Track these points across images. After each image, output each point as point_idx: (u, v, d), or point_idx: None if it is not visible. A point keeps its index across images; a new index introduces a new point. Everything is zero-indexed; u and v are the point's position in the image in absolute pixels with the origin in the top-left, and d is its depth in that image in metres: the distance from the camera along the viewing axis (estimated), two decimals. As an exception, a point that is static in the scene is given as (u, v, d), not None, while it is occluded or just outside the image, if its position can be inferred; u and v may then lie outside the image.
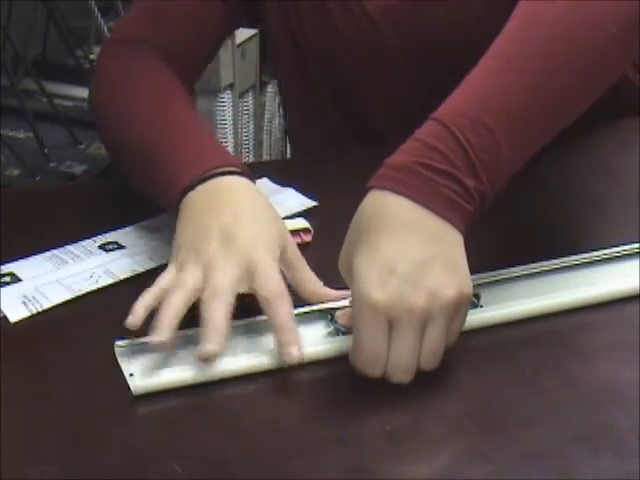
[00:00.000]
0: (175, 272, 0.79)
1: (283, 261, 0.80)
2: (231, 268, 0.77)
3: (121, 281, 0.87)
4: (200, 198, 0.83)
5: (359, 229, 0.74)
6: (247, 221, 0.80)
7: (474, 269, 0.83)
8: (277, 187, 0.99)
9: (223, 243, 0.78)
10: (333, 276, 0.86)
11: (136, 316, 0.75)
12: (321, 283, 0.81)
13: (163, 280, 0.78)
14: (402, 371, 0.71)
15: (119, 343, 0.76)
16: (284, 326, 0.75)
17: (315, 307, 0.79)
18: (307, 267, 0.81)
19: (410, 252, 0.71)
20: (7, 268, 0.88)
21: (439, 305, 0.70)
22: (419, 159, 0.73)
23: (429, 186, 0.73)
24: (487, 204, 0.75)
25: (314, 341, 0.77)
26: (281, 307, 0.75)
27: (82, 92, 1.86)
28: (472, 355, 0.76)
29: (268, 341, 0.77)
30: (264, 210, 0.83)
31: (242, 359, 0.75)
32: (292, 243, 0.83)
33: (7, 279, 0.87)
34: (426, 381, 0.72)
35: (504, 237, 0.91)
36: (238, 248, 0.78)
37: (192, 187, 0.83)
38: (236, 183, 0.84)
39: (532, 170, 1.04)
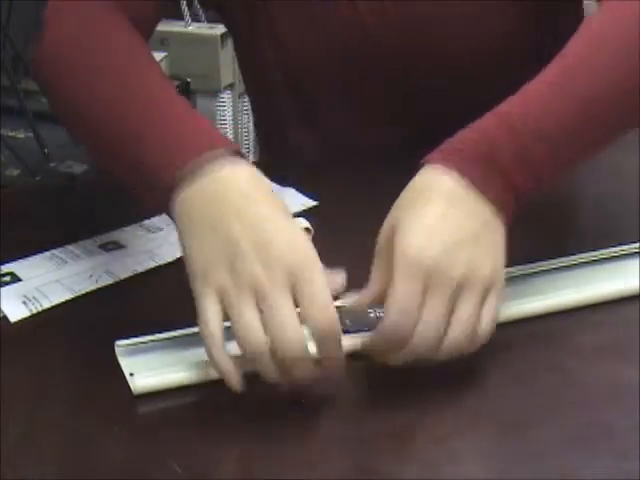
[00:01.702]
0: (218, 303, 0.69)
1: None
2: (286, 298, 0.68)
3: (121, 281, 0.87)
4: (201, 199, 0.71)
5: (407, 200, 0.74)
6: (275, 220, 0.70)
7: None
8: (277, 187, 0.99)
9: (262, 260, 0.68)
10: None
11: (236, 381, 0.69)
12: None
13: (214, 320, 0.69)
14: (427, 344, 0.70)
15: (119, 343, 0.76)
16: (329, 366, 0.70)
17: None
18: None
19: (458, 223, 0.72)
20: (7, 268, 0.88)
21: (474, 278, 0.71)
22: (481, 148, 0.74)
23: (485, 171, 0.73)
24: (516, 213, 0.76)
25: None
26: (331, 350, 0.69)
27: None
28: (472, 355, 0.76)
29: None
30: (277, 200, 0.72)
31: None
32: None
33: (7, 279, 0.87)
34: (426, 381, 0.72)
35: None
36: (279, 257, 0.68)
37: (184, 185, 0.71)
38: (239, 170, 0.72)
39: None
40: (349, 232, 0.93)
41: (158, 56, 2.09)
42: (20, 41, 1.83)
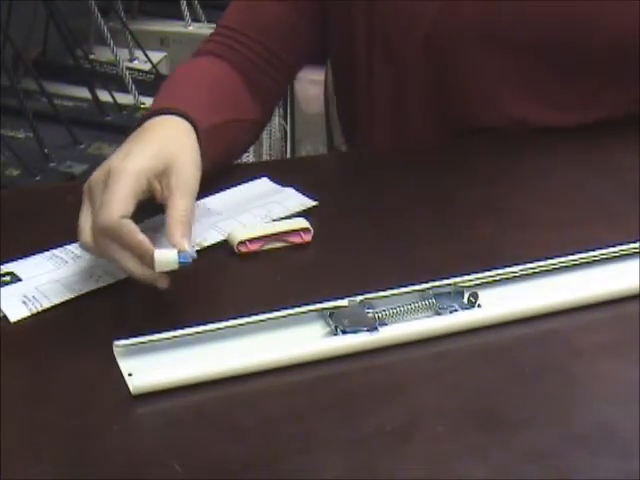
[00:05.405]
0: None
1: (164, 179, 0.85)
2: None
3: (121, 281, 0.86)
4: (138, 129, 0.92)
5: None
6: (142, 138, 0.89)
7: (474, 269, 0.83)
8: (277, 187, 0.99)
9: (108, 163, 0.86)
10: (332, 275, 0.86)
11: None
12: (184, 222, 0.83)
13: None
14: None
15: (117, 344, 0.76)
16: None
17: (313, 307, 0.79)
18: (185, 197, 0.85)
19: None
20: (7, 268, 0.88)
21: None
22: None
23: None
24: None
25: (313, 341, 0.77)
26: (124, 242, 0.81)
27: (82, 92, 1.86)
28: (472, 355, 0.76)
29: (268, 340, 0.77)
30: (171, 136, 0.90)
31: (243, 358, 0.75)
32: (186, 172, 0.86)
33: (7, 279, 0.87)
34: (426, 381, 0.72)
35: (504, 236, 0.91)
36: (112, 165, 0.85)
37: (140, 123, 0.93)
38: (166, 119, 0.93)
39: (533, 169, 1.04)
40: (349, 232, 0.93)
41: (158, 56, 2.09)
42: (20, 41, 1.83)
